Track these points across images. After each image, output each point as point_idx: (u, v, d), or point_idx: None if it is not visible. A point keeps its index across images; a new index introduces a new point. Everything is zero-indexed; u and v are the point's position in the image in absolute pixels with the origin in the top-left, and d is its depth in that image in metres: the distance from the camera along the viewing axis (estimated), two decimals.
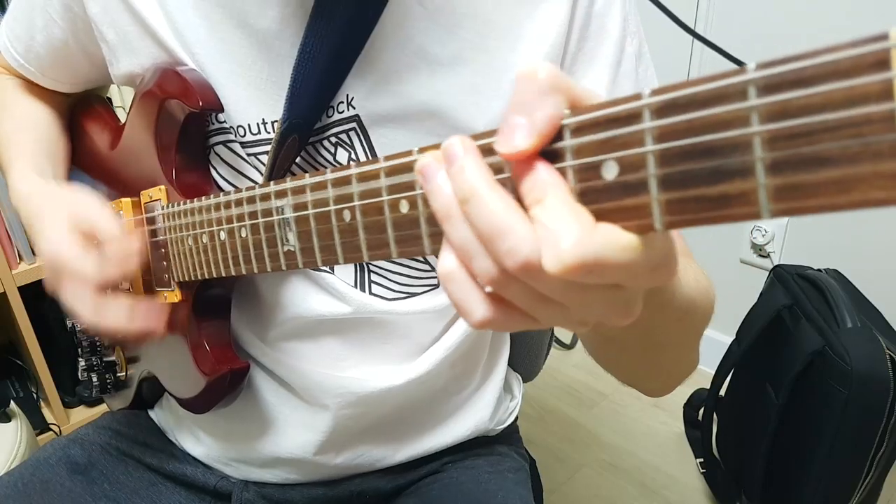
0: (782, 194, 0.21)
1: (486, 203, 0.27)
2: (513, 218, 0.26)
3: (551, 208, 0.25)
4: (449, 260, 0.29)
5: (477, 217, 0.27)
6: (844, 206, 0.19)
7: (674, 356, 0.49)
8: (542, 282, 0.26)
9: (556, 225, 0.25)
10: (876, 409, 1.10)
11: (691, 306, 0.43)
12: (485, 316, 0.29)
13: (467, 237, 0.28)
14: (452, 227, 0.28)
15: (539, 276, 0.26)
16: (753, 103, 0.21)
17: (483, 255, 0.27)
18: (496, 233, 0.26)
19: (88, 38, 0.60)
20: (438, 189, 0.28)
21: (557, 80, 0.26)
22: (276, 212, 0.42)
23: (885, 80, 0.18)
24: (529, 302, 0.28)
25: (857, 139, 0.19)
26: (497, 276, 0.27)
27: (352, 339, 0.61)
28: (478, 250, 0.27)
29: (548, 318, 0.29)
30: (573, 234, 0.24)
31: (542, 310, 0.28)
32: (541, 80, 0.26)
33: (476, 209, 0.27)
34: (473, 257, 0.28)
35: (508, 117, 0.27)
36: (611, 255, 0.24)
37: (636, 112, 0.24)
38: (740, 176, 0.21)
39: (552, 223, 0.25)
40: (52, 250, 0.53)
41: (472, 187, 0.27)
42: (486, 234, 0.27)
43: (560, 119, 0.26)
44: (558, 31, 0.52)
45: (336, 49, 0.49)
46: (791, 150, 0.20)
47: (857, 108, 0.19)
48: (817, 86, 0.19)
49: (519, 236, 0.26)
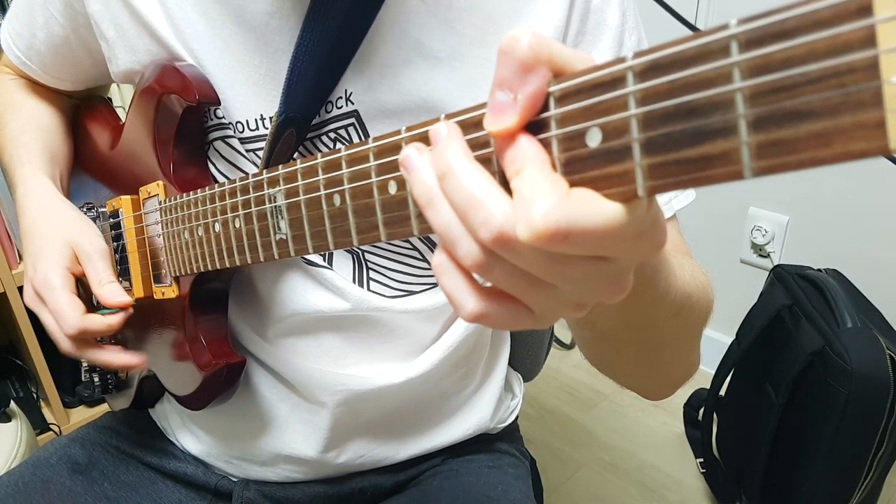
0: (764, 151, 0.20)
1: (460, 176, 0.27)
2: (486, 189, 0.26)
3: (528, 178, 0.25)
4: (438, 252, 0.29)
5: (453, 192, 0.27)
6: (826, 160, 0.19)
7: (671, 356, 0.48)
8: (521, 256, 0.26)
9: (531, 193, 0.25)
10: (876, 409, 1.10)
11: (687, 302, 0.43)
12: (476, 307, 0.29)
13: (448, 219, 0.27)
14: (434, 213, 0.28)
15: (516, 248, 0.25)
16: (735, 59, 0.21)
17: (464, 236, 0.27)
18: (470, 205, 0.26)
19: (89, 34, 0.61)
20: (419, 175, 0.29)
21: (540, 48, 0.26)
22: (269, 200, 0.42)
23: (868, 26, 0.18)
24: (517, 285, 0.28)
25: (838, 90, 0.19)
26: (479, 256, 0.27)
27: (351, 337, 0.61)
28: (459, 232, 0.27)
29: (540, 303, 0.29)
30: (546, 201, 0.24)
31: (532, 293, 0.28)
32: (524, 51, 0.25)
33: (451, 184, 0.27)
34: (456, 241, 0.27)
35: (494, 94, 0.27)
36: (585, 220, 0.24)
37: (620, 75, 0.24)
38: (722, 135, 0.21)
39: (527, 192, 0.25)
40: (42, 282, 0.57)
41: (449, 163, 0.27)
42: (462, 208, 0.27)
43: (545, 92, 0.26)
44: (556, 25, 0.52)
45: (333, 44, 0.49)
46: (773, 105, 0.20)
47: (840, 57, 0.19)
48: (799, 37, 0.19)
49: (491, 206, 0.26)
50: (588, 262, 0.26)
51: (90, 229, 0.61)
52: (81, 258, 0.58)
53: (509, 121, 0.26)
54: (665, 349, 0.47)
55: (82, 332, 0.55)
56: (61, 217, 0.62)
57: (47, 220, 0.61)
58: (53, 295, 0.56)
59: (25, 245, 0.62)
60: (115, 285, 0.57)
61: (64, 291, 0.56)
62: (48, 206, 0.63)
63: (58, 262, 0.58)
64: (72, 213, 0.62)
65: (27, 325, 1.29)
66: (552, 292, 0.28)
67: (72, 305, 0.56)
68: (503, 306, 0.29)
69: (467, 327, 0.63)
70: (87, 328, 0.55)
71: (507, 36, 0.26)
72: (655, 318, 0.42)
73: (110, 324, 0.56)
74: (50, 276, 0.57)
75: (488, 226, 0.25)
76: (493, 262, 0.27)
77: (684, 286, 0.42)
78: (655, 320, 0.42)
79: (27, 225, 0.62)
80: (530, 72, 0.26)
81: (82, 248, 0.58)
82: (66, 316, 0.55)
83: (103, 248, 0.59)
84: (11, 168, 0.67)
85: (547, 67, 0.26)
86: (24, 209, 0.63)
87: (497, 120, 0.26)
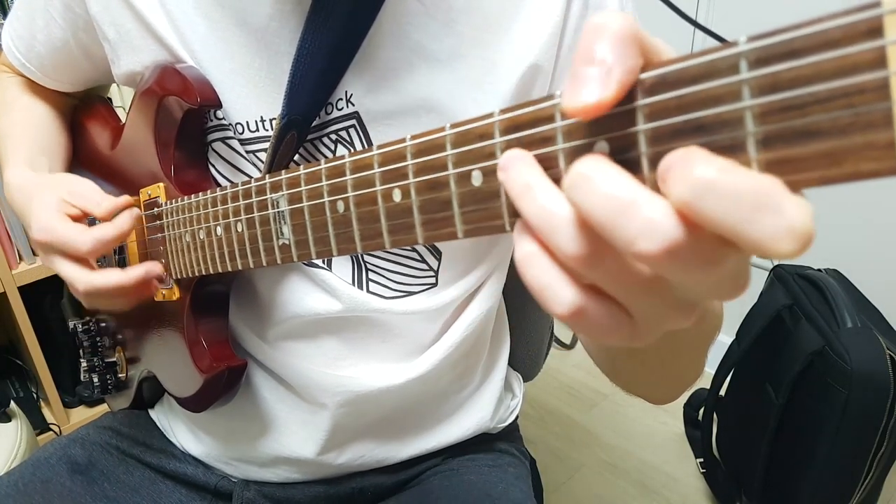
0: (773, 169, 0.20)
1: (597, 178, 0.23)
2: (633, 189, 0.22)
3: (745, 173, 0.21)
4: (524, 242, 0.26)
5: (587, 197, 0.23)
6: (836, 179, 0.19)
7: (686, 363, 0.47)
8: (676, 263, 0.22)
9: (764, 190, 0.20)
10: (876, 409, 1.10)
11: (710, 304, 0.43)
12: (574, 299, 0.25)
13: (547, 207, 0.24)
14: (530, 200, 0.25)
15: (684, 259, 0.22)
16: (745, 77, 0.20)
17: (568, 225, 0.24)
18: (619, 211, 0.22)
19: (89, 37, 0.60)
20: (514, 167, 0.26)
21: (635, 28, 0.23)
22: (272, 205, 0.42)
23: (878, 47, 0.18)
24: (626, 286, 0.24)
25: (848, 110, 0.19)
26: (585, 249, 0.24)
27: (350, 338, 0.61)
28: (560, 221, 0.24)
29: (646, 308, 0.25)
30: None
31: (642, 296, 0.25)
32: (622, 24, 0.23)
33: (586, 187, 0.23)
34: (556, 229, 0.24)
35: (579, 69, 0.23)
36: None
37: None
38: (731, 153, 0.21)
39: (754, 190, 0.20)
40: (42, 228, 0.54)
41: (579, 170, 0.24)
42: (607, 216, 0.22)
43: (638, 69, 0.23)
44: (555, 21, 0.52)
45: (334, 46, 0.49)
46: (782, 123, 0.20)
47: (849, 77, 0.18)
48: (808, 57, 0.19)
49: (647, 210, 0.22)
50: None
51: (72, 176, 0.60)
52: (73, 198, 0.56)
53: (601, 93, 0.23)
54: (685, 356, 0.46)
55: (99, 245, 0.53)
56: (44, 179, 0.61)
57: (33, 190, 0.60)
58: (56, 233, 0.54)
59: (26, 226, 0.60)
60: (110, 200, 0.55)
61: (64, 224, 0.54)
62: (29, 183, 0.62)
63: (50, 208, 0.56)
64: (53, 175, 0.61)
65: (27, 325, 1.29)
66: (665, 295, 0.25)
67: (77, 229, 0.54)
68: (604, 306, 0.25)
69: (467, 327, 0.63)
70: (102, 238, 0.53)
71: (598, 18, 0.23)
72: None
73: (121, 227, 0.53)
74: (46, 220, 0.55)
75: (652, 236, 0.21)
76: (604, 257, 0.23)
77: None
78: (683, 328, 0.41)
79: (18, 211, 0.62)
80: (628, 45, 0.23)
81: (70, 188, 0.57)
82: (76, 240, 0.53)
83: (90, 184, 0.58)
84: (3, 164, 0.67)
85: (641, 49, 0.23)
86: (12, 196, 0.63)
87: (583, 93, 0.23)
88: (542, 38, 0.52)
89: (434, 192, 0.30)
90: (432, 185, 0.30)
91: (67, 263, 0.55)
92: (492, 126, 0.28)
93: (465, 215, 0.29)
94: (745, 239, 0.20)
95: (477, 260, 0.61)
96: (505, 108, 0.28)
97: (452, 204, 0.30)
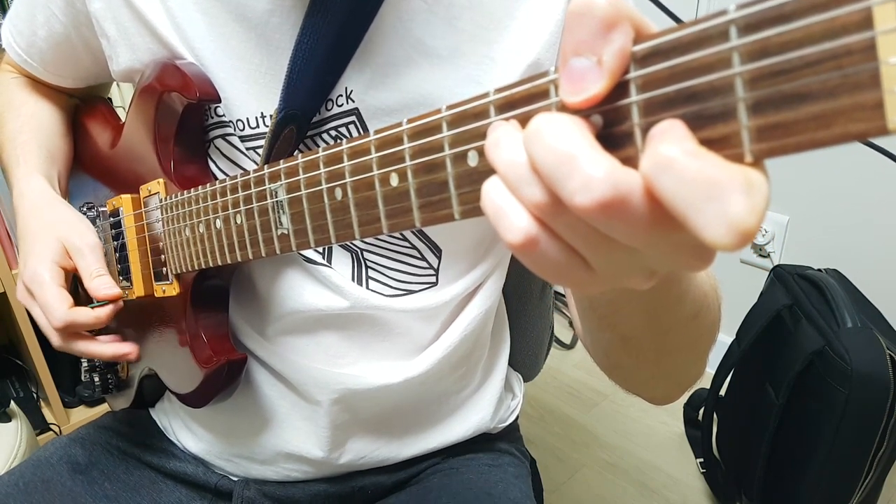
0: (764, 134, 0.21)
1: (547, 130, 0.23)
2: (580, 144, 0.23)
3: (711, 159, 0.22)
4: (491, 178, 0.26)
5: (539, 149, 0.24)
6: (825, 142, 0.19)
7: (684, 361, 0.48)
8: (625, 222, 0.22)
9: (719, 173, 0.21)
10: (876, 409, 1.10)
11: (705, 301, 0.43)
12: (528, 227, 0.25)
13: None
14: (500, 151, 0.25)
15: (627, 215, 0.22)
16: (735, 44, 0.21)
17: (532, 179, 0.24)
18: (562, 163, 0.23)
19: (90, 32, 0.61)
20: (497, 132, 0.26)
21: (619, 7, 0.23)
22: (270, 195, 0.42)
23: (864, 8, 0.18)
24: (586, 241, 0.25)
25: (836, 72, 0.19)
26: (546, 201, 0.24)
27: (350, 336, 0.61)
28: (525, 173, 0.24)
29: (608, 263, 0.25)
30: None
31: (602, 253, 0.25)
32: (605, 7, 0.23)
33: (539, 139, 0.24)
34: (521, 180, 0.24)
35: (569, 63, 0.24)
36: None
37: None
38: (722, 119, 0.21)
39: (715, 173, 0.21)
40: (31, 277, 0.57)
41: (537, 121, 0.24)
42: (552, 167, 0.23)
43: (629, 51, 0.23)
44: (556, 19, 0.52)
45: (334, 42, 0.49)
46: (772, 88, 0.20)
47: (837, 39, 0.19)
48: (797, 20, 0.19)
49: (587, 166, 0.22)
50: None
51: (82, 225, 0.61)
52: (72, 253, 0.59)
53: (596, 86, 0.23)
54: (681, 353, 0.46)
55: (70, 325, 0.56)
56: (53, 215, 0.62)
57: (39, 219, 0.62)
58: (42, 289, 0.57)
59: (20, 246, 0.62)
60: (105, 278, 0.57)
61: (52, 285, 0.57)
62: (41, 205, 0.63)
63: (47, 258, 0.58)
64: (64, 211, 0.63)
65: (27, 325, 1.29)
66: (629, 256, 0.25)
67: (59, 299, 0.56)
68: (558, 246, 0.25)
69: (466, 327, 0.63)
70: (75, 321, 0.56)
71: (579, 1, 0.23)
72: (677, 319, 0.41)
73: (98, 316, 0.56)
74: (39, 271, 0.57)
75: (586, 191, 0.22)
76: (563, 207, 0.23)
77: (701, 284, 0.42)
78: (677, 321, 0.41)
79: (21, 226, 0.63)
80: (614, 29, 0.23)
81: (73, 243, 0.59)
82: (53, 309, 0.56)
83: (94, 242, 0.59)
84: (9, 168, 0.67)
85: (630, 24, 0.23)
86: (18, 211, 0.64)
87: (579, 88, 0.23)
88: (544, 35, 0.52)
89: (431, 175, 0.30)
90: (429, 167, 0.31)
91: (40, 313, 0.58)
92: (487, 105, 0.28)
93: (461, 196, 0.29)
94: (688, 223, 0.21)
95: (477, 258, 0.61)
96: (500, 87, 0.28)
97: (449, 185, 0.30)
